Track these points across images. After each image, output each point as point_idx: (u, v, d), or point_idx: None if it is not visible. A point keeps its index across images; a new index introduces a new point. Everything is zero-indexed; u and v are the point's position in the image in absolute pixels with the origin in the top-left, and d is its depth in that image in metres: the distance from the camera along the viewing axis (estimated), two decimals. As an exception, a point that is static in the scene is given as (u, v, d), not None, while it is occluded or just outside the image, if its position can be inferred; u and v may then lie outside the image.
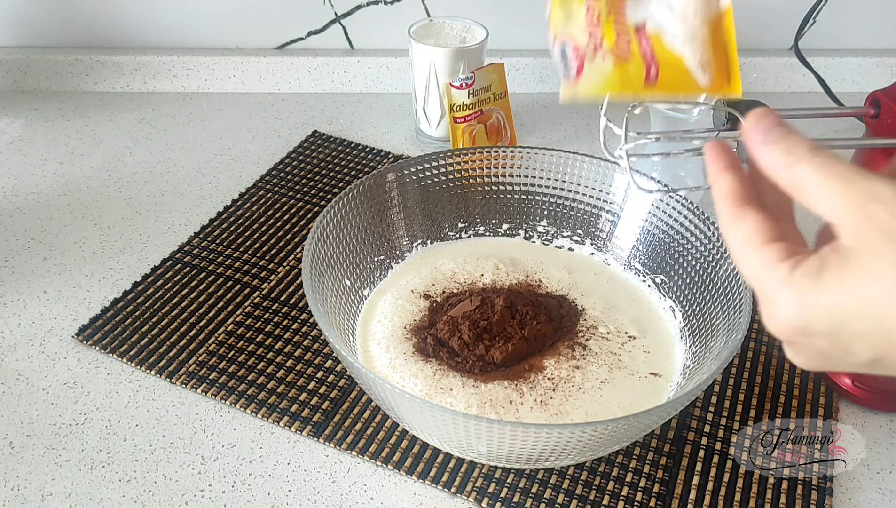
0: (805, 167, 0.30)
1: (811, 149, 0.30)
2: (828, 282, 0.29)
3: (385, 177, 0.63)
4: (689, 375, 0.54)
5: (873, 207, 0.28)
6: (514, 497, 0.51)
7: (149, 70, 0.95)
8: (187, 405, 0.57)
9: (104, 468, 0.53)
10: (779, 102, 0.61)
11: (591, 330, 0.59)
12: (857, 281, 0.28)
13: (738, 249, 0.32)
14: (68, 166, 0.83)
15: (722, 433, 0.56)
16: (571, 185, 0.66)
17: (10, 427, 0.55)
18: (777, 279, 0.30)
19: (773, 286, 0.30)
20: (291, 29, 0.96)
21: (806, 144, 0.30)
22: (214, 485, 0.52)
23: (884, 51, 0.98)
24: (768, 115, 0.32)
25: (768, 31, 0.97)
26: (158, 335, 0.62)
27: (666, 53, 0.37)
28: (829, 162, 0.30)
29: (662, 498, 0.51)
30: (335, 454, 0.54)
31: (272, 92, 0.97)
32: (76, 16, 0.94)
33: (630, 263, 0.65)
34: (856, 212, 0.28)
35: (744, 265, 0.32)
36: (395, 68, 0.96)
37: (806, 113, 0.64)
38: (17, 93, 0.95)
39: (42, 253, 0.71)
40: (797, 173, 0.30)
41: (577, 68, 0.38)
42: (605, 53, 0.37)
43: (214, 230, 0.74)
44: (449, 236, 0.67)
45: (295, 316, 0.64)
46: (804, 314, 0.29)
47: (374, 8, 0.94)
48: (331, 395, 0.58)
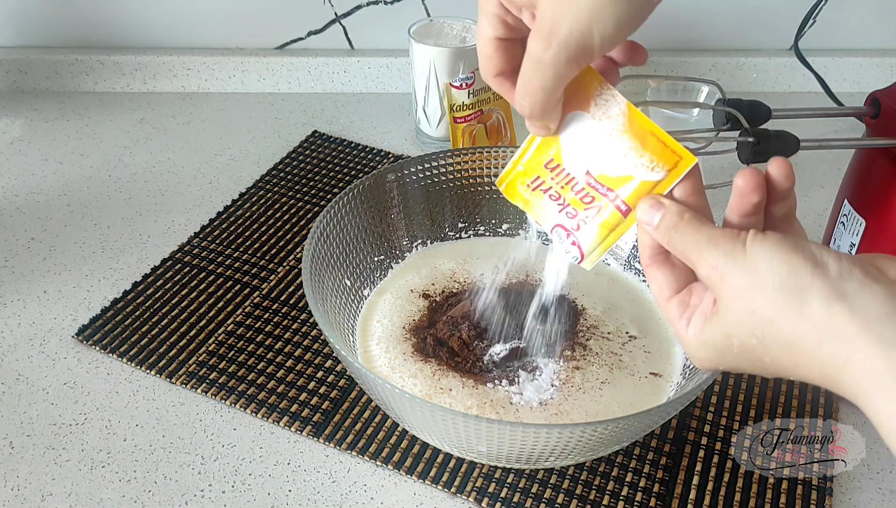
0: (674, 240, 0.37)
1: (675, 224, 0.37)
2: (707, 338, 0.36)
3: (385, 177, 0.63)
4: (689, 375, 0.54)
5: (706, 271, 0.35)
6: (514, 497, 0.51)
7: (149, 70, 0.95)
8: (187, 405, 0.57)
9: (104, 468, 0.53)
10: (779, 102, 0.61)
11: (592, 330, 0.59)
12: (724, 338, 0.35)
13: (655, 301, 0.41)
14: (68, 166, 0.83)
15: (722, 433, 0.56)
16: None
17: (10, 427, 0.55)
18: (679, 331, 0.38)
19: (680, 337, 0.38)
20: (291, 29, 0.96)
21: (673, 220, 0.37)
22: (214, 485, 0.52)
23: (884, 51, 0.98)
24: (649, 203, 0.38)
25: (768, 31, 0.97)
26: (158, 335, 0.62)
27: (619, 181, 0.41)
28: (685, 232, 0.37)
29: (662, 498, 0.51)
30: (335, 454, 0.54)
31: (272, 92, 0.97)
32: (76, 16, 0.94)
33: (630, 263, 0.65)
34: (703, 274, 0.36)
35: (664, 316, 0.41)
36: (395, 68, 0.96)
37: (806, 113, 0.64)
38: (17, 93, 0.95)
39: (42, 253, 0.71)
40: (672, 246, 0.37)
41: (578, 251, 0.43)
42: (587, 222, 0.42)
43: (214, 230, 0.74)
44: (449, 236, 0.67)
45: (295, 316, 0.64)
46: (707, 362, 0.37)
47: (374, 8, 0.94)
48: (331, 395, 0.58)
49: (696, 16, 0.95)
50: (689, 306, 0.38)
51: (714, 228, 0.36)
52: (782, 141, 0.55)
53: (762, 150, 0.55)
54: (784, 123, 0.60)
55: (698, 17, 0.96)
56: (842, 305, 0.31)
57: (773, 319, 0.33)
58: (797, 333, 0.32)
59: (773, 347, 0.33)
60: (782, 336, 0.33)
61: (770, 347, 0.34)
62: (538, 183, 0.43)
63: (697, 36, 0.97)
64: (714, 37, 0.97)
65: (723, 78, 0.96)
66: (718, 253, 0.35)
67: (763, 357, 0.34)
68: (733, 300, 0.34)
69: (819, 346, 0.32)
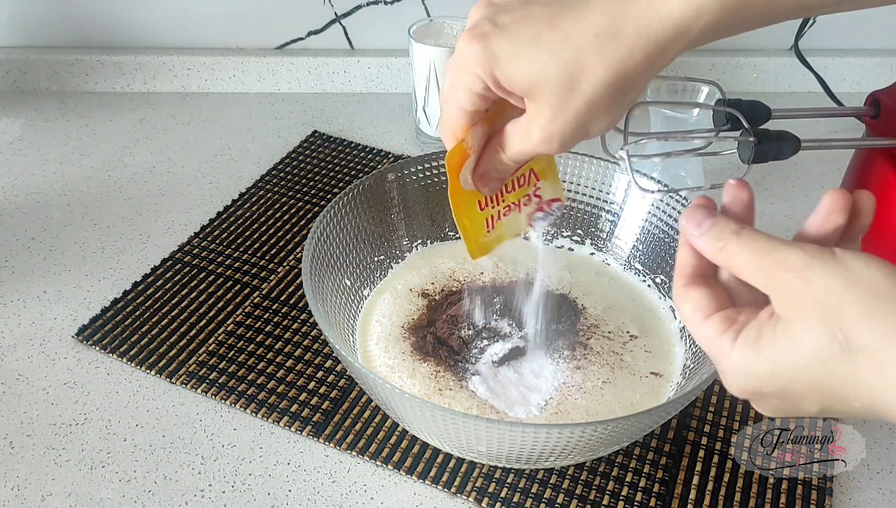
0: (732, 248, 0.34)
1: (735, 231, 0.34)
2: (764, 350, 0.32)
3: (385, 177, 0.63)
4: (689, 375, 0.54)
5: (786, 276, 0.32)
6: (514, 497, 0.51)
7: (149, 70, 0.95)
8: (187, 405, 0.57)
9: (104, 468, 0.53)
10: (779, 102, 0.61)
11: (593, 329, 0.59)
12: (787, 349, 0.31)
13: (687, 324, 0.36)
14: (68, 166, 0.83)
15: (722, 434, 0.56)
16: (571, 185, 0.66)
17: (10, 427, 0.55)
18: (721, 350, 0.34)
19: (720, 356, 0.34)
20: (291, 29, 0.96)
21: (731, 228, 0.34)
22: (214, 485, 0.52)
23: (884, 51, 0.98)
24: (699, 208, 0.36)
25: (768, 31, 0.96)
26: (158, 335, 0.62)
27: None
28: (750, 240, 0.33)
29: (662, 498, 0.51)
30: (335, 454, 0.54)
31: (272, 92, 0.97)
32: (76, 16, 0.94)
33: (630, 263, 0.65)
34: (775, 283, 0.32)
35: (695, 338, 0.36)
36: (395, 68, 0.96)
37: (806, 113, 0.64)
38: (17, 93, 0.95)
39: (42, 253, 0.71)
40: (727, 255, 0.34)
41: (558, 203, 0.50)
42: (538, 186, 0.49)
43: (214, 230, 0.74)
44: (449, 236, 0.67)
45: (295, 316, 0.64)
46: (751, 381, 0.33)
47: (374, 8, 0.94)
48: (331, 395, 0.58)
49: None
50: (735, 321, 0.34)
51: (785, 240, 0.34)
52: (783, 141, 0.55)
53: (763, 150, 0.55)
54: (784, 123, 0.60)
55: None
56: None
57: (864, 323, 0.30)
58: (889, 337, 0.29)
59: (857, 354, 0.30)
60: (872, 341, 0.30)
61: (853, 354, 0.30)
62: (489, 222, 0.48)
63: (697, 36, 0.97)
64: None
65: (723, 78, 0.96)
66: (805, 255, 0.32)
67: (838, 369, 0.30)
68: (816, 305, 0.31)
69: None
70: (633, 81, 0.37)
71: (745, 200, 0.36)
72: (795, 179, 0.83)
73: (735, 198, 0.36)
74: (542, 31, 0.37)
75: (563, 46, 0.36)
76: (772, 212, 0.78)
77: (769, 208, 0.78)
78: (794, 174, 0.83)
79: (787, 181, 0.82)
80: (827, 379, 0.31)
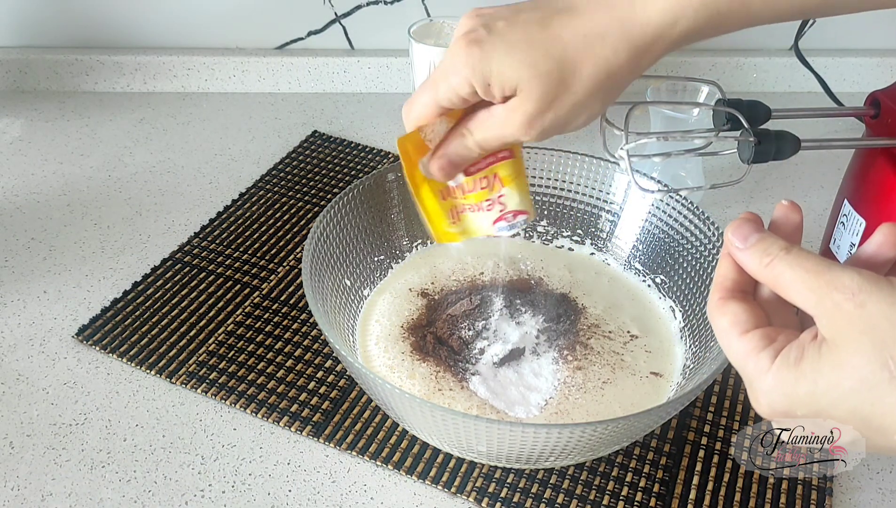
0: (780, 265, 0.32)
1: (785, 248, 0.33)
2: (807, 372, 0.31)
3: (385, 177, 0.63)
4: (689, 375, 0.54)
5: (839, 297, 0.30)
6: (514, 497, 0.51)
7: (149, 70, 0.95)
8: (187, 405, 0.57)
9: (104, 468, 0.53)
10: (779, 102, 0.61)
11: (593, 328, 0.59)
12: (831, 372, 0.30)
13: (721, 338, 0.35)
14: (68, 166, 0.83)
15: (722, 434, 0.56)
16: (571, 185, 0.66)
17: (10, 427, 0.55)
18: (758, 367, 0.33)
19: (755, 374, 0.33)
20: (291, 29, 0.96)
21: (780, 244, 0.33)
22: (214, 485, 0.52)
23: (884, 51, 0.98)
24: (746, 222, 0.35)
25: (768, 31, 0.96)
26: (158, 335, 0.62)
27: None
28: (801, 258, 0.32)
29: (662, 498, 0.51)
30: (335, 454, 0.54)
31: (272, 92, 0.97)
32: (76, 16, 0.94)
33: (630, 263, 0.65)
34: (825, 303, 0.31)
35: (728, 353, 0.35)
36: (395, 68, 0.96)
37: (806, 113, 0.64)
38: (17, 93, 0.95)
39: (42, 253, 0.71)
40: (774, 272, 0.33)
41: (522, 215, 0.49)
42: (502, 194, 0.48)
43: (214, 230, 0.74)
44: (449, 236, 0.67)
45: (295, 316, 0.64)
46: (786, 402, 0.32)
47: (374, 8, 0.94)
48: (331, 395, 0.58)
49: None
50: (775, 340, 0.33)
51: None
52: (783, 141, 0.55)
53: (763, 150, 0.55)
54: (784, 123, 0.60)
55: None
56: None
57: None
58: None
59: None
60: None
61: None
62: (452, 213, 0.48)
63: (697, 36, 0.97)
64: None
65: (723, 78, 0.96)
66: (860, 278, 0.30)
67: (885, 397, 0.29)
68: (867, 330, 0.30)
69: None
70: (618, 79, 0.40)
71: (795, 221, 0.36)
72: (795, 179, 0.83)
73: (787, 218, 0.36)
74: (534, 32, 0.39)
75: (554, 45, 0.39)
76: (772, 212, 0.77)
77: (769, 207, 0.78)
78: (794, 174, 0.83)
79: (786, 181, 0.82)
80: (871, 407, 0.30)
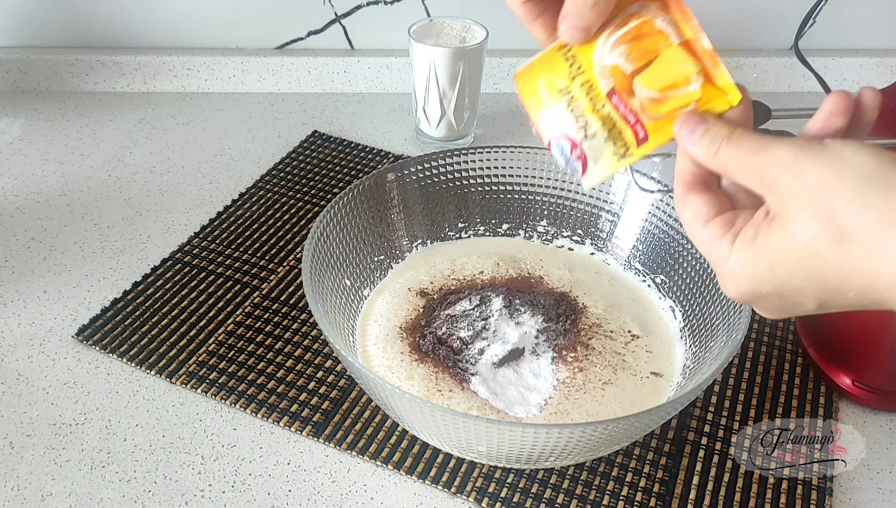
0: (724, 152, 0.34)
1: (726, 135, 0.34)
2: (761, 249, 0.33)
3: (385, 177, 0.63)
4: (689, 375, 0.54)
5: (777, 171, 0.32)
6: (514, 497, 0.51)
7: (149, 70, 0.95)
8: (187, 405, 0.57)
9: (104, 468, 0.53)
10: (779, 102, 0.61)
11: (595, 328, 0.59)
12: (782, 243, 0.32)
13: (688, 232, 0.37)
14: (68, 166, 0.83)
15: (722, 433, 0.56)
16: (571, 185, 0.66)
17: (10, 427, 0.55)
18: (720, 254, 0.34)
19: (718, 260, 0.35)
20: (291, 29, 0.96)
21: (724, 130, 0.34)
22: (214, 485, 0.52)
23: (884, 51, 0.98)
24: (690, 115, 0.36)
25: (768, 31, 0.97)
26: (158, 335, 0.62)
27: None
28: (741, 140, 0.33)
29: (662, 498, 0.51)
30: (335, 454, 0.54)
31: (272, 92, 0.97)
32: (76, 16, 0.94)
33: (630, 263, 0.65)
34: (766, 179, 0.32)
35: (696, 244, 0.36)
36: (395, 68, 0.96)
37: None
38: (17, 93, 0.95)
39: (42, 253, 0.71)
40: (721, 160, 0.34)
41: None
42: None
43: (214, 230, 0.74)
44: (449, 236, 0.67)
45: (295, 316, 0.64)
46: (749, 281, 0.33)
47: (374, 8, 0.94)
48: (331, 395, 0.58)
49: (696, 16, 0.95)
50: (733, 224, 0.34)
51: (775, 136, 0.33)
52: (782, 141, 0.55)
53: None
54: (784, 123, 0.60)
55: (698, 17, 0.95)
56: None
57: (856, 210, 0.30)
58: (885, 221, 0.29)
59: (850, 242, 0.30)
60: (865, 226, 0.29)
61: (846, 242, 0.30)
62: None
63: (697, 36, 0.97)
64: (714, 37, 0.97)
65: (723, 78, 0.96)
66: (793, 148, 0.32)
67: (831, 259, 0.30)
68: (806, 197, 0.31)
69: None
70: None
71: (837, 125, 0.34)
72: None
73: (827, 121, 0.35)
74: None
75: None
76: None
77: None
78: (794, 174, 0.83)
79: (787, 181, 0.82)
80: (822, 271, 0.31)
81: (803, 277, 0.32)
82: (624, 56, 0.38)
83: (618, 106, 0.38)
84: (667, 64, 0.38)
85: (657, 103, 0.38)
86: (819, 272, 0.31)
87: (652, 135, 0.38)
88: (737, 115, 0.36)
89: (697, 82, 0.37)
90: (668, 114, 0.37)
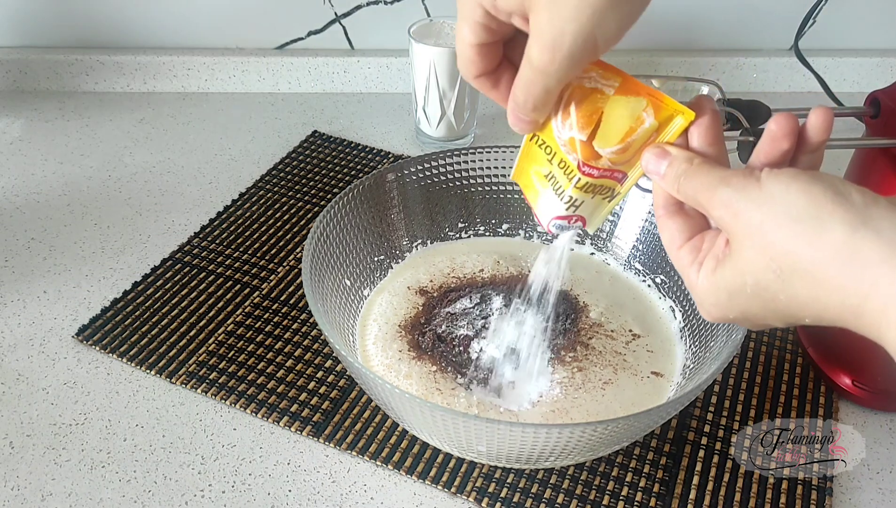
0: (683, 187, 0.36)
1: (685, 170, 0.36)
2: (719, 281, 0.35)
3: (385, 177, 0.63)
4: (689, 375, 0.54)
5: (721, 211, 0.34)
6: (514, 497, 0.51)
7: (149, 70, 0.95)
8: (187, 405, 0.57)
9: (104, 468, 0.53)
10: (779, 102, 0.61)
11: (595, 328, 0.59)
12: (734, 279, 0.34)
13: (667, 252, 0.39)
14: (68, 166, 0.83)
15: (722, 433, 0.56)
16: (571, 185, 0.66)
17: (10, 427, 0.55)
18: (690, 281, 0.37)
19: (690, 285, 0.37)
20: (291, 29, 0.96)
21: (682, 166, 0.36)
22: (214, 485, 0.52)
23: (884, 51, 0.98)
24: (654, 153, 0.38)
25: (768, 31, 0.97)
26: (158, 335, 0.62)
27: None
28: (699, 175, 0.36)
29: (662, 498, 0.51)
30: (335, 454, 0.54)
31: (272, 92, 0.97)
32: (76, 16, 0.94)
33: (630, 263, 0.65)
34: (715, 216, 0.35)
35: (675, 266, 0.39)
36: (395, 68, 0.96)
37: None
38: (17, 93, 0.95)
39: (42, 253, 0.71)
40: (682, 194, 0.37)
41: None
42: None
43: (214, 230, 0.74)
44: (449, 236, 0.67)
45: (295, 316, 0.64)
46: (716, 308, 0.36)
47: (374, 8, 0.94)
48: (331, 395, 0.58)
49: (696, 16, 0.95)
50: (700, 250, 0.37)
51: (726, 169, 0.35)
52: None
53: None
54: (784, 123, 0.60)
55: (698, 17, 0.95)
56: (867, 230, 0.30)
57: (791, 249, 0.31)
58: (818, 260, 0.31)
59: (791, 279, 0.32)
60: (802, 265, 0.31)
61: (788, 280, 0.32)
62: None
63: (697, 36, 0.97)
64: (714, 37, 0.97)
65: (723, 78, 0.96)
66: (731, 190, 0.34)
67: (779, 294, 0.32)
68: (747, 236, 0.33)
69: (841, 272, 0.30)
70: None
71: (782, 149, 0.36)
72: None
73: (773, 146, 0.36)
74: None
75: None
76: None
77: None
78: (794, 174, 0.83)
79: (787, 181, 0.82)
80: (774, 303, 0.33)
81: (760, 306, 0.34)
82: (575, 127, 0.39)
83: (591, 173, 0.40)
84: (614, 115, 0.39)
85: (623, 152, 0.39)
86: (773, 304, 0.33)
87: (630, 172, 0.41)
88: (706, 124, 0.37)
89: (650, 116, 0.38)
90: (638, 151, 0.39)
